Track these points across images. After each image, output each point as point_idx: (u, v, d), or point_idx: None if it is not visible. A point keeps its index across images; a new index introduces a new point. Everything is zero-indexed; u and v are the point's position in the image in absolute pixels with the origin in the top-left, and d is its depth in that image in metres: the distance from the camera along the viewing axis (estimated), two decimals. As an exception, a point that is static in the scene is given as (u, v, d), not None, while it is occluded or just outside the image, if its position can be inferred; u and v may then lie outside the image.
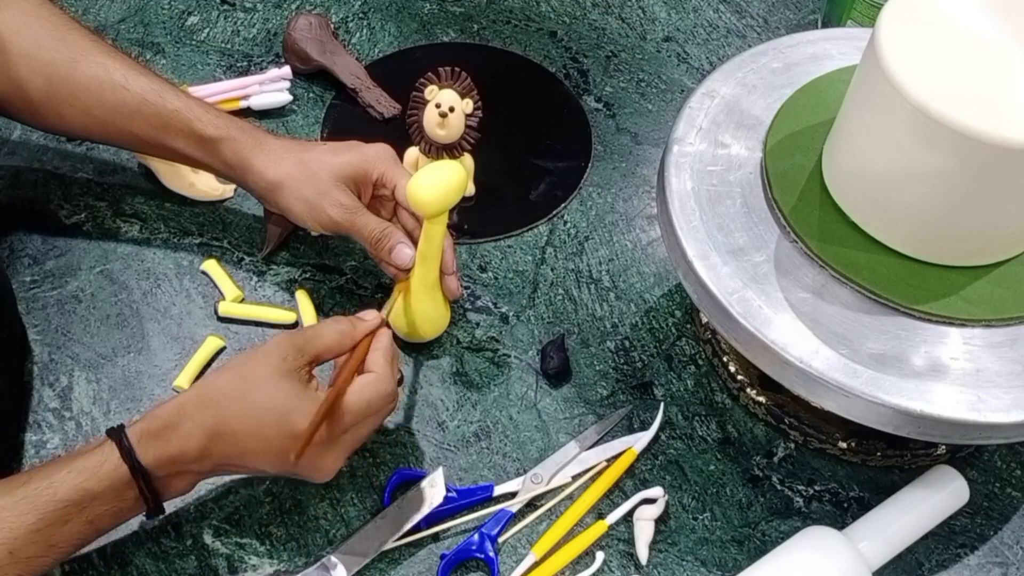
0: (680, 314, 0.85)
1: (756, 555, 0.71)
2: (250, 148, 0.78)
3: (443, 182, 0.73)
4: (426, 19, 1.06)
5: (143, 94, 0.78)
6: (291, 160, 0.77)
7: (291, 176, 0.77)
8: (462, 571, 0.71)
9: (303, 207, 0.77)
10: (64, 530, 0.61)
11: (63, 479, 0.61)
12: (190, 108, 0.78)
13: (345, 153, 0.78)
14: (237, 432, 0.64)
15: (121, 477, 0.62)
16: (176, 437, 0.64)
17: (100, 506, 0.62)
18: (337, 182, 0.76)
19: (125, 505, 0.63)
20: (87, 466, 0.62)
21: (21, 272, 0.84)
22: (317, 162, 0.77)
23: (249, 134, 0.79)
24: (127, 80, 0.78)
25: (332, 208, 0.76)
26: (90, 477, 0.62)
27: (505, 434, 0.78)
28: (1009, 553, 0.73)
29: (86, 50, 0.78)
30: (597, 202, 0.92)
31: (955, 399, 0.63)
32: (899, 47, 0.62)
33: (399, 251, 0.75)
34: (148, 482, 0.63)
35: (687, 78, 1.01)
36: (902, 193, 0.65)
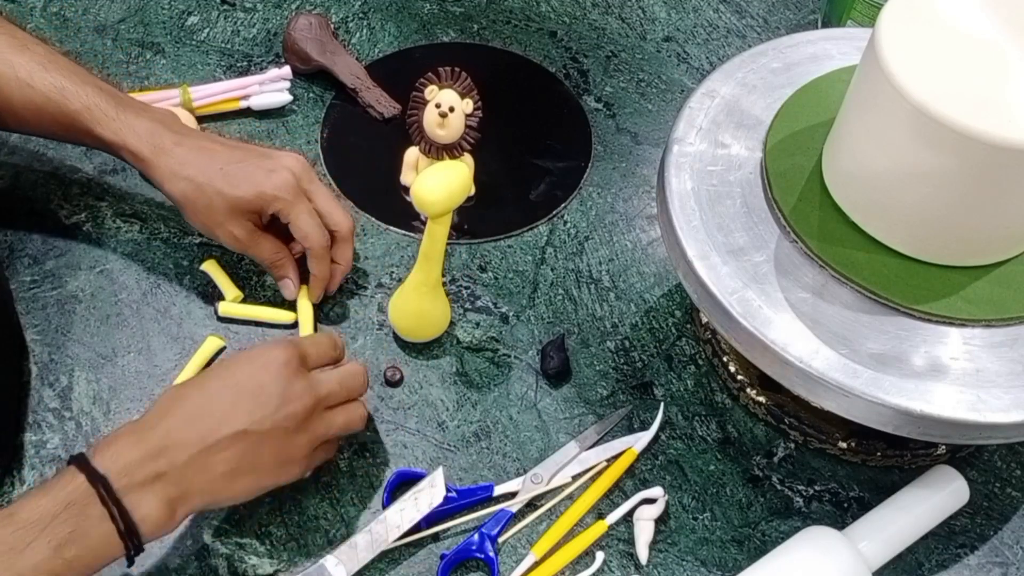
0: (680, 314, 0.85)
1: (756, 555, 0.71)
2: (144, 160, 0.77)
3: (448, 182, 0.73)
4: (426, 19, 1.06)
5: (47, 92, 0.77)
6: (185, 183, 0.77)
7: (186, 199, 0.77)
8: (462, 571, 0.71)
9: (201, 229, 0.80)
10: (27, 557, 0.56)
11: (21, 503, 0.59)
12: (90, 110, 0.77)
13: (240, 185, 0.77)
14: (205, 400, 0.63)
15: (78, 487, 0.59)
16: (134, 438, 0.61)
17: (61, 528, 0.57)
18: (231, 214, 0.77)
19: (89, 526, 0.58)
20: (45, 486, 0.59)
21: (21, 272, 0.84)
22: (213, 190, 0.76)
23: (145, 141, 0.77)
24: (32, 78, 0.77)
25: (226, 238, 0.78)
26: (46, 494, 0.58)
27: (505, 434, 0.78)
28: (1009, 553, 0.73)
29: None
30: (597, 202, 0.92)
31: (955, 399, 0.63)
32: (899, 47, 0.62)
33: (284, 284, 0.81)
34: (108, 491, 0.59)
35: (687, 78, 1.01)
36: (902, 193, 0.65)
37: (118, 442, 0.61)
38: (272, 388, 0.64)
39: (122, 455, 0.60)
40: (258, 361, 0.65)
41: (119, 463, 0.60)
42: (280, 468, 0.66)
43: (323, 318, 0.83)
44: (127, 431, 0.62)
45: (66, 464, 0.61)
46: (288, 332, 0.82)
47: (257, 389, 0.64)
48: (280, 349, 0.66)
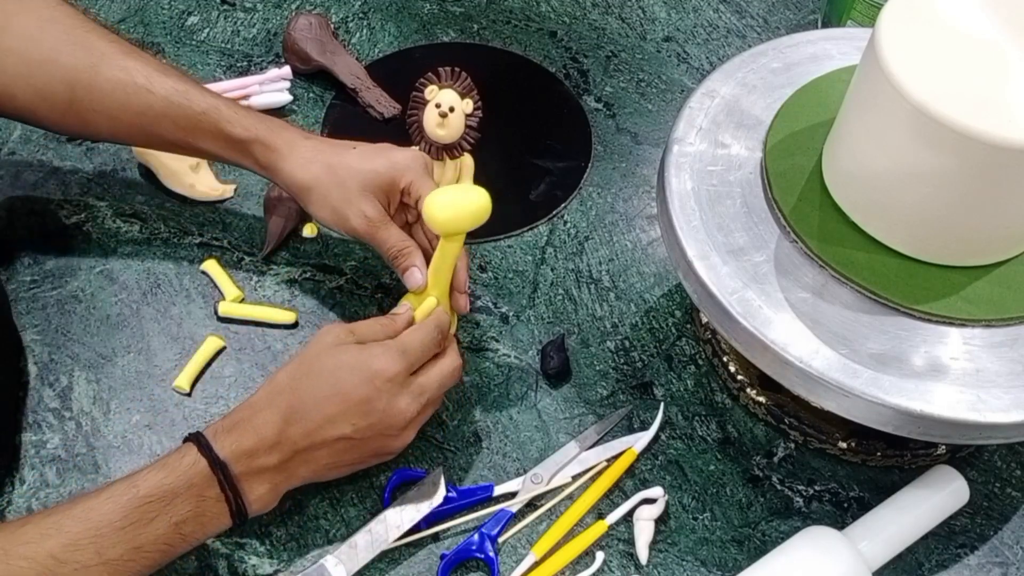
0: (680, 314, 0.85)
1: (756, 555, 0.71)
2: (278, 152, 0.77)
3: (460, 204, 0.72)
4: (426, 19, 1.06)
5: (168, 96, 0.76)
6: (319, 165, 0.77)
7: (319, 181, 0.76)
8: (462, 571, 0.71)
9: (329, 213, 0.76)
10: (149, 530, 0.61)
11: (144, 477, 0.62)
12: (217, 109, 0.77)
13: (374, 160, 0.77)
14: (313, 402, 0.66)
15: (200, 472, 0.63)
16: (250, 427, 0.65)
17: (182, 506, 0.62)
18: (364, 191, 0.76)
19: (207, 507, 0.63)
20: (167, 463, 0.63)
21: (21, 272, 0.84)
22: (345, 168, 0.76)
23: (278, 135, 0.78)
24: (151, 83, 0.76)
25: (356, 218, 0.75)
26: (169, 473, 0.62)
27: (505, 434, 0.78)
28: (1009, 553, 0.73)
29: (106, 53, 0.77)
30: (597, 202, 0.92)
31: (955, 399, 0.62)
32: (899, 47, 0.62)
33: (411, 273, 0.75)
34: (227, 477, 0.63)
35: (687, 78, 1.01)
36: (902, 193, 0.65)
37: (237, 429, 0.65)
38: (378, 403, 0.67)
39: (241, 443, 0.64)
40: (366, 372, 0.67)
41: (237, 451, 0.64)
42: (376, 458, 0.71)
43: (323, 317, 0.83)
44: (244, 417, 0.66)
45: (183, 442, 0.65)
46: (289, 332, 0.82)
47: (363, 403, 0.66)
48: (389, 362, 0.67)
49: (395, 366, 0.67)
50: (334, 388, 0.66)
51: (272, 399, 0.66)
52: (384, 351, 0.68)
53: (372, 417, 0.67)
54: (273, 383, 0.68)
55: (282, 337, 0.82)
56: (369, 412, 0.67)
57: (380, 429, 0.68)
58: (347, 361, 0.67)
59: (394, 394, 0.67)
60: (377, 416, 0.67)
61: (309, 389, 0.66)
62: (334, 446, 0.67)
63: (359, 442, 0.68)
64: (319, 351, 0.68)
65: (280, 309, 0.82)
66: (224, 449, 0.64)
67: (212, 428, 0.66)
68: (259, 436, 0.65)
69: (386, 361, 0.67)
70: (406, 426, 0.69)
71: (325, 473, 0.69)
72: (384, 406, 0.67)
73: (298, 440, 0.66)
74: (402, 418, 0.68)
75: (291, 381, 0.67)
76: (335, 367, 0.67)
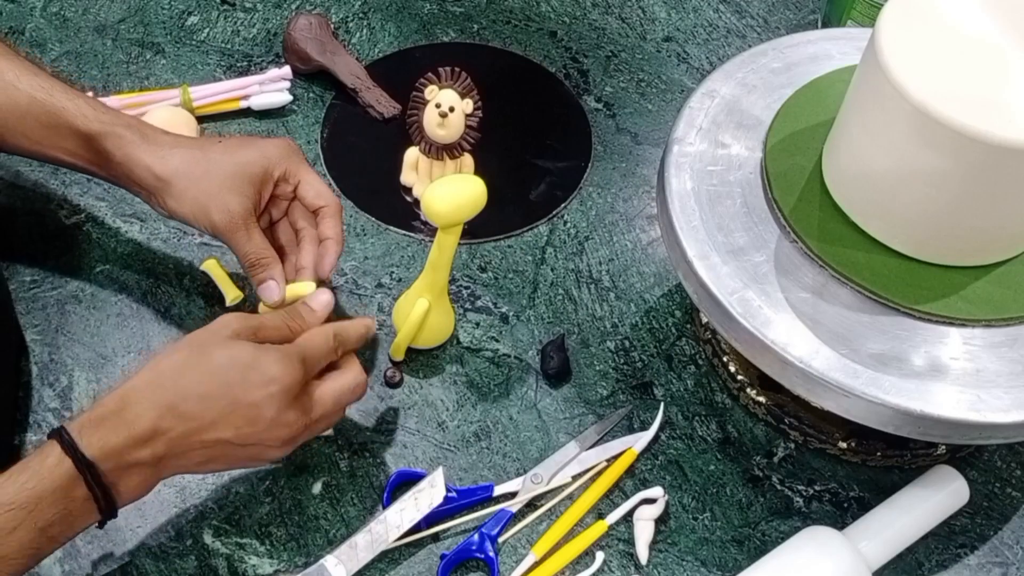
0: (680, 314, 0.85)
1: (756, 555, 0.71)
2: (135, 144, 0.73)
3: (458, 195, 0.72)
4: (426, 19, 1.06)
5: (32, 92, 0.75)
6: (180, 156, 0.73)
7: (179, 173, 0.72)
8: (462, 571, 0.71)
9: (189, 207, 0.73)
10: (12, 539, 0.57)
11: (4, 483, 0.58)
12: (77, 106, 0.75)
13: (242, 151, 0.74)
14: (197, 399, 0.62)
15: (65, 473, 0.59)
16: (121, 422, 0.60)
17: (48, 509, 0.58)
18: (231, 183, 0.72)
19: (75, 507, 0.59)
20: (29, 466, 0.59)
21: (21, 272, 0.84)
22: (210, 160, 0.73)
23: (136, 130, 0.75)
24: (19, 80, 0.75)
25: (217, 212, 0.72)
26: (32, 476, 0.58)
27: (505, 434, 0.78)
28: (1009, 553, 0.73)
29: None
30: (597, 202, 0.92)
31: (955, 399, 0.63)
32: (899, 47, 0.62)
33: (267, 287, 0.73)
34: (95, 476, 0.59)
35: (687, 78, 1.01)
36: (902, 193, 0.65)
37: (106, 423, 0.60)
38: (267, 411, 0.63)
39: (109, 440, 0.60)
40: (261, 377, 0.63)
41: (105, 448, 0.60)
42: (252, 462, 0.69)
43: (323, 318, 0.83)
44: (114, 408, 0.61)
45: (47, 438, 0.61)
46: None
47: (251, 408, 0.63)
48: (286, 369, 0.64)
49: (291, 375, 0.64)
50: (222, 388, 0.62)
51: (151, 391, 0.62)
52: (282, 357, 0.64)
53: (258, 425, 0.63)
54: (154, 368, 0.63)
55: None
56: (255, 419, 0.63)
57: (262, 438, 0.64)
58: (241, 359, 0.63)
59: (285, 405, 0.63)
60: (263, 424, 0.63)
61: (194, 384, 0.62)
62: (211, 447, 0.63)
63: (237, 447, 0.64)
64: (211, 340, 0.64)
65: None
66: (91, 447, 0.59)
67: (77, 422, 0.61)
68: (130, 432, 0.60)
69: (282, 368, 0.63)
70: (288, 441, 0.65)
71: (195, 469, 0.65)
72: (272, 415, 0.63)
73: (174, 438, 0.61)
74: (287, 431, 0.64)
75: (175, 372, 0.62)
76: (227, 364, 0.63)
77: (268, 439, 0.64)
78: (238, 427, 0.63)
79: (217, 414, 0.62)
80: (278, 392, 0.63)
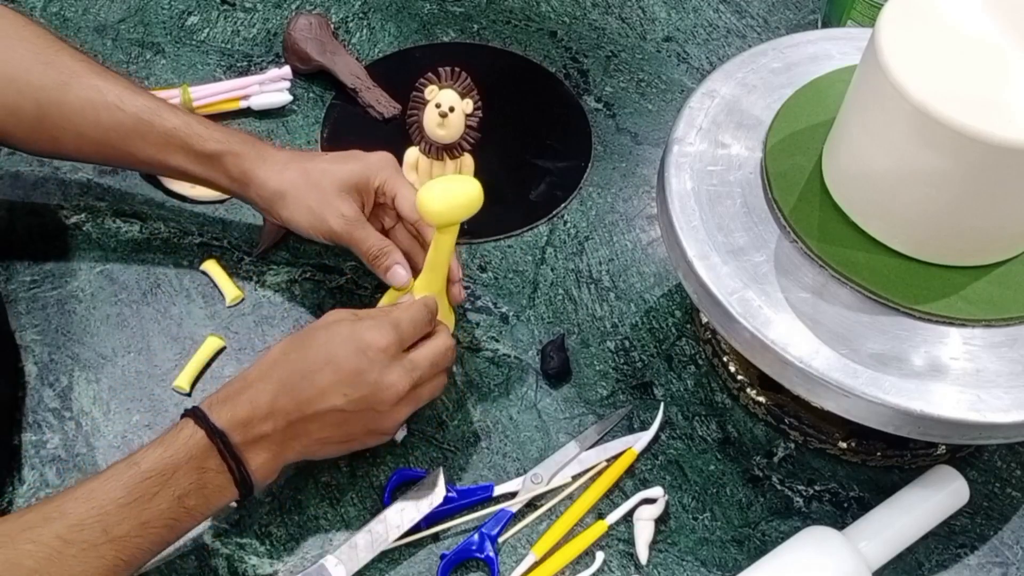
0: (680, 314, 0.85)
1: (756, 555, 0.71)
2: (251, 160, 0.77)
3: (454, 195, 0.72)
4: (426, 19, 1.06)
5: (139, 113, 0.77)
6: (294, 170, 0.77)
7: (294, 185, 0.76)
8: (462, 571, 0.71)
9: (305, 216, 0.76)
10: (152, 505, 0.61)
11: (144, 454, 0.63)
12: (188, 125, 0.77)
13: (348, 162, 0.78)
14: (305, 373, 0.66)
15: (199, 443, 0.63)
16: (244, 398, 0.66)
17: (184, 479, 0.63)
18: (340, 191, 0.76)
19: (208, 478, 0.64)
20: (164, 439, 0.64)
21: (21, 272, 0.84)
22: (320, 171, 0.77)
23: (250, 146, 0.78)
24: (122, 100, 0.77)
25: (333, 218, 0.76)
26: (168, 447, 0.63)
27: (505, 434, 0.78)
28: (1009, 553, 0.73)
29: (76, 72, 0.77)
30: (597, 202, 0.92)
31: (955, 399, 0.63)
32: (899, 47, 0.62)
33: (394, 272, 0.76)
34: (227, 445, 0.64)
35: (687, 78, 1.01)
36: (902, 193, 0.65)
37: (232, 400, 0.66)
38: (370, 375, 0.67)
39: (237, 414, 0.65)
40: (358, 343, 0.67)
41: (234, 420, 0.65)
42: (369, 436, 0.71)
43: (323, 318, 0.83)
44: (237, 389, 0.66)
45: (180, 418, 0.66)
46: (289, 333, 0.82)
47: (355, 373, 0.67)
48: (380, 334, 0.68)
49: (386, 338, 0.68)
50: (326, 359, 0.67)
51: (265, 371, 0.67)
52: (375, 324, 0.69)
53: (363, 389, 0.67)
54: (267, 356, 0.68)
55: (282, 337, 0.82)
56: (360, 383, 0.67)
57: (371, 403, 0.68)
58: (340, 332, 0.68)
59: (385, 366, 0.68)
60: (368, 388, 0.67)
61: (301, 360, 0.67)
62: (325, 418, 0.67)
63: (351, 415, 0.68)
64: (315, 327, 0.70)
65: None
66: (221, 419, 0.65)
67: (207, 401, 0.66)
68: (253, 406, 0.65)
69: (377, 333, 0.68)
70: (397, 402, 0.69)
71: (319, 449, 0.69)
72: (375, 377, 0.67)
73: (291, 410, 0.66)
74: (393, 392, 0.68)
75: (284, 354, 0.68)
76: (327, 339, 0.68)
77: (377, 402, 0.68)
78: (346, 394, 0.67)
79: (324, 384, 0.67)
80: (375, 354, 0.67)
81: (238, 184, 0.78)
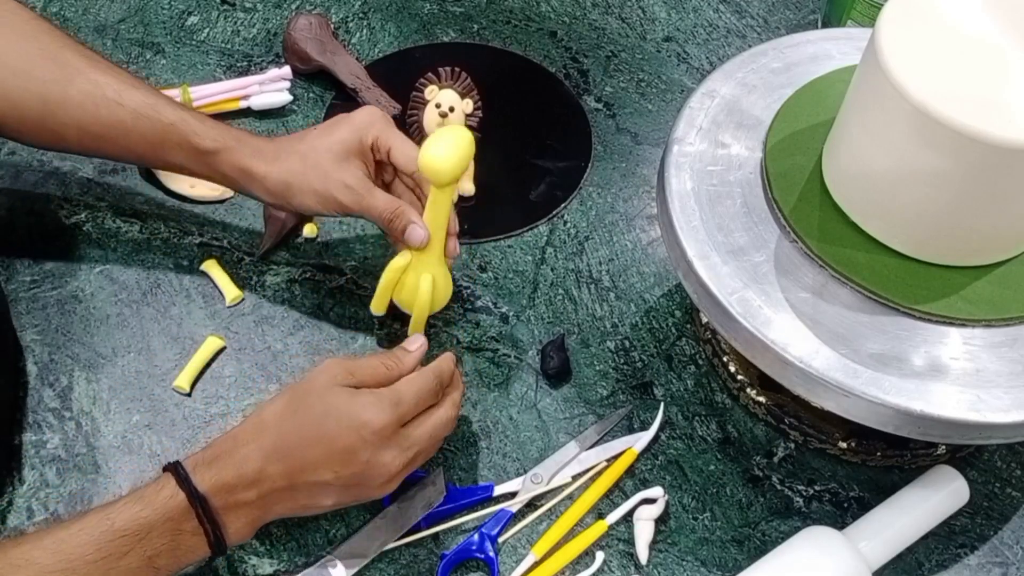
0: (680, 314, 0.85)
1: (756, 555, 0.71)
2: (248, 156, 0.77)
3: (456, 148, 0.71)
4: (426, 19, 1.06)
5: (138, 109, 0.77)
6: (290, 158, 0.76)
7: (294, 173, 0.76)
8: (462, 571, 0.71)
9: (314, 199, 0.76)
10: (122, 564, 0.60)
11: (119, 509, 0.61)
12: (186, 121, 0.77)
13: (336, 130, 0.77)
14: (296, 444, 0.65)
15: (178, 505, 0.62)
16: (231, 462, 0.64)
17: (158, 540, 0.61)
18: (338, 163, 0.75)
19: (183, 540, 0.62)
20: (143, 495, 0.62)
21: (21, 272, 0.84)
22: (314, 151, 0.76)
23: (245, 143, 0.78)
24: (121, 96, 0.77)
25: (340, 192, 0.75)
26: (146, 506, 0.61)
27: (505, 434, 0.78)
28: (1009, 553, 0.73)
29: (79, 68, 0.77)
30: (597, 202, 0.92)
31: (955, 399, 0.63)
32: (899, 47, 0.62)
33: (412, 231, 0.74)
34: (206, 510, 0.62)
35: (687, 78, 1.01)
36: (902, 193, 0.65)
37: (218, 463, 0.64)
38: (362, 454, 0.65)
39: (221, 477, 0.63)
40: (353, 422, 0.65)
41: (217, 484, 0.63)
42: (358, 502, 0.69)
43: (323, 317, 0.83)
44: (225, 450, 0.65)
45: (162, 471, 0.64)
46: (289, 333, 0.82)
47: (347, 452, 0.65)
48: (377, 413, 0.65)
49: (384, 418, 0.65)
50: (319, 433, 0.65)
51: (256, 434, 0.65)
52: (375, 401, 0.66)
53: (354, 467, 0.65)
54: (259, 417, 0.66)
55: (282, 337, 0.82)
56: (352, 462, 0.65)
57: (361, 480, 0.66)
58: (336, 406, 0.65)
59: (380, 447, 0.65)
60: (360, 467, 0.65)
61: (294, 430, 0.65)
62: (313, 489, 0.66)
63: (339, 488, 0.66)
64: (310, 390, 0.66)
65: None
66: (204, 483, 0.63)
67: (192, 460, 0.64)
68: (239, 471, 0.64)
69: (375, 413, 0.65)
70: (389, 479, 0.67)
71: (302, 511, 0.68)
72: (368, 458, 0.65)
73: (277, 480, 0.64)
74: (385, 471, 0.66)
75: (277, 419, 0.66)
76: (323, 412, 0.65)
77: (368, 481, 0.66)
78: (336, 471, 0.65)
79: (315, 458, 0.65)
80: (370, 436, 0.65)
81: (237, 181, 0.78)
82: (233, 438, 0.66)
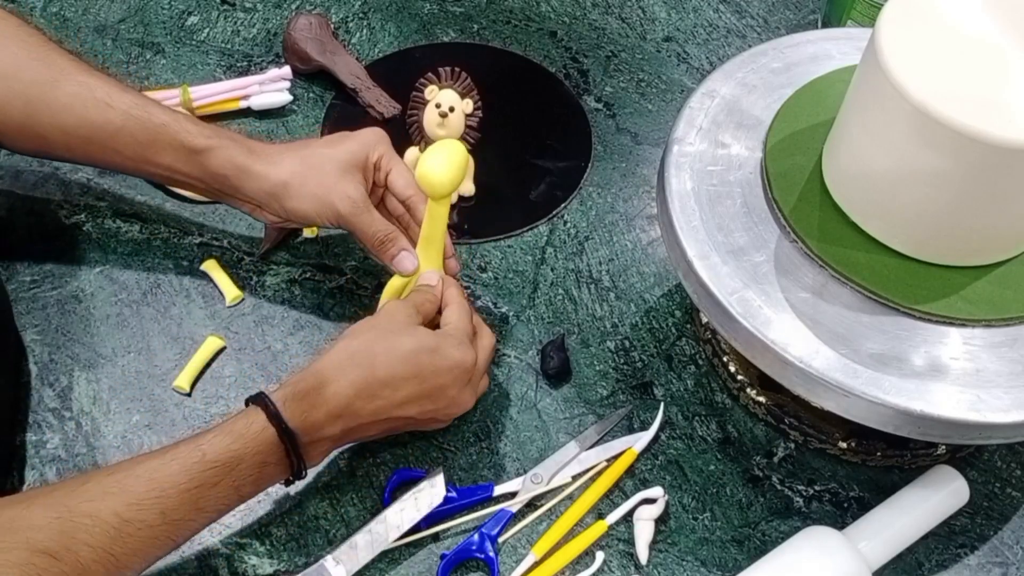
0: (680, 314, 0.85)
1: (756, 555, 0.71)
2: (244, 154, 0.76)
3: (453, 161, 0.72)
4: (426, 19, 1.06)
5: (128, 110, 0.76)
6: (292, 158, 0.76)
7: (295, 173, 0.75)
8: (462, 571, 0.71)
9: (310, 203, 0.75)
10: (212, 493, 0.62)
11: (211, 442, 0.63)
12: (178, 121, 0.76)
13: (344, 143, 0.77)
14: (388, 381, 0.67)
15: (267, 439, 0.64)
16: (321, 400, 0.66)
17: (246, 471, 0.63)
18: (343, 173, 0.75)
19: (267, 471, 0.65)
20: (234, 429, 0.64)
21: (21, 272, 0.84)
22: (319, 156, 0.76)
23: (240, 141, 0.77)
24: (111, 97, 0.76)
25: (340, 201, 0.74)
26: (237, 439, 0.63)
27: (505, 434, 0.78)
28: (1009, 553, 0.73)
29: (66, 69, 0.76)
30: (597, 202, 0.92)
31: (955, 399, 0.63)
32: (899, 47, 0.62)
33: (403, 258, 0.75)
34: (294, 446, 0.65)
35: (687, 78, 1.01)
36: (902, 193, 0.65)
37: (306, 399, 0.66)
38: (449, 392, 0.70)
39: (310, 415, 0.66)
40: (447, 361, 0.69)
41: (307, 422, 0.65)
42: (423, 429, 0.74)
43: (323, 317, 0.83)
44: (313, 386, 0.66)
45: (247, 403, 0.66)
46: (289, 333, 0.82)
47: (436, 390, 0.69)
48: (467, 354, 0.70)
49: (472, 357, 0.70)
50: (413, 371, 0.68)
51: (345, 370, 0.67)
52: (461, 341, 0.70)
53: (440, 403, 0.70)
54: (345, 351, 0.68)
55: (282, 337, 0.82)
56: (439, 398, 0.69)
57: (439, 414, 0.71)
58: (427, 345, 0.69)
59: (465, 384, 0.70)
60: (444, 403, 0.70)
61: (386, 367, 0.67)
62: (395, 422, 0.70)
63: (417, 421, 0.71)
64: (394, 327, 0.69)
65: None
66: (294, 419, 0.65)
67: (281, 393, 0.66)
68: (328, 408, 0.66)
69: (464, 352, 0.70)
70: (461, 411, 0.72)
71: (372, 438, 0.72)
72: (454, 394, 0.70)
73: (365, 416, 0.67)
74: (462, 408, 0.72)
75: (367, 355, 0.68)
76: (415, 349, 0.68)
77: (444, 415, 0.72)
78: (423, 406, 0.69)
79: (407, 395, 0.68)
80: (461, 374, 0.70)
81: (230, 180, 0.76)
82: (317, 373, 0.67)
